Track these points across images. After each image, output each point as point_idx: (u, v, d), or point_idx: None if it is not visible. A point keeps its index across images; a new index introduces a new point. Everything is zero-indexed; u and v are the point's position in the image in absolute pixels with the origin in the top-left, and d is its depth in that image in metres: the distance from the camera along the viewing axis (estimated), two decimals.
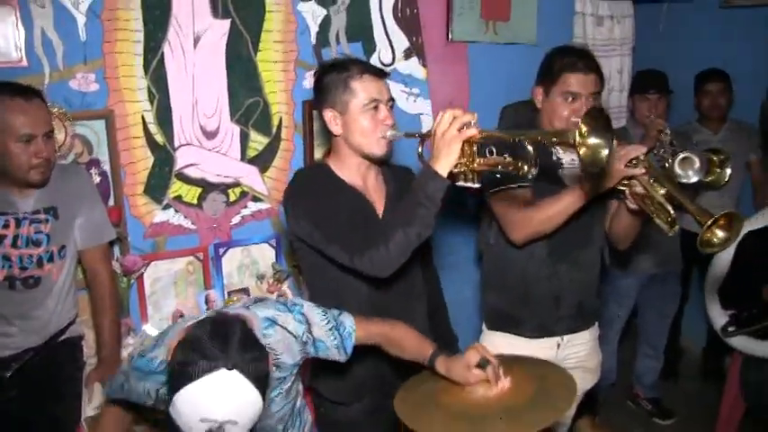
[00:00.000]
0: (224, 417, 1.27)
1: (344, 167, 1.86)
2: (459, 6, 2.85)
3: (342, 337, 1.69)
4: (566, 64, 2.01)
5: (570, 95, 2.01)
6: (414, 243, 1.65)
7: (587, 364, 2.33)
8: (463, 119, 1.55)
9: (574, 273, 2.19)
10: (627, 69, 3.72)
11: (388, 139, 1.80)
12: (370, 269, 1.68)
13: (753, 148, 3.56)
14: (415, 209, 1.60)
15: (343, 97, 1.77)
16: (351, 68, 1.78)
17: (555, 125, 2.05)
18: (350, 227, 1.74)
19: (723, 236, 1.69)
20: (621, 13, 3.65)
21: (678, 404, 3.60)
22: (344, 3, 2.61)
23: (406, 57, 2.78)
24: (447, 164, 1.57)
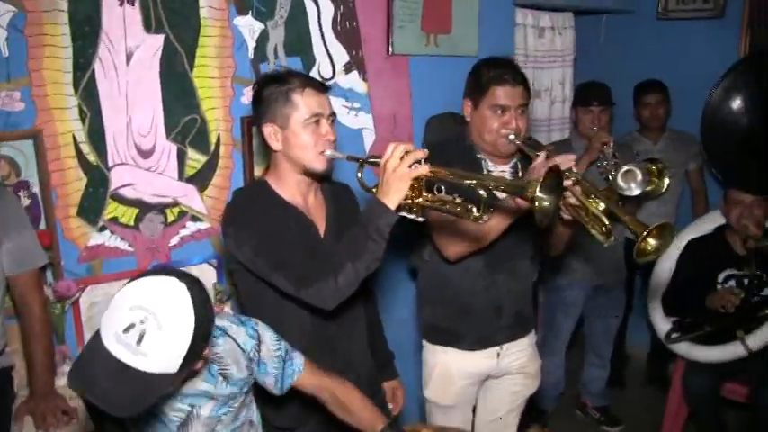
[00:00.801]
0: (155, 309, 1.28)
1: (284, 185, 1.85)
2: (400, 19, 2.88)
3: (284, 372, 1.69)
4: (493, 77, 2.06)
5: (499, 108, 2.06)
6: (362, 276, 1.67)
7: (528, 370, 2.39)
8: (415, 155, 1.58)
9: (511, 283, 2.25)
10: (568, 80, 3.83)
11: (328, 157, 1.79)
12: (317, 301, 1.70)
13: (691, 157, 3.69)
14: (365, 243, 1.62)
15: (283, 111, 1.76)
16: (292, 81, 1.77)
17: (484, 137, 2.11)
18: (295, 255, 1.73)
19: (655, 244, 1.76)
20: (562, 25, 3.75)
21: (625, 411, 3.70)
22: (282, 17, 2.61)
23: (346, 71, 2.79)
24: (396, 199, 1.60)
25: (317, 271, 1.67)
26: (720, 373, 3.06)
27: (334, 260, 1.66)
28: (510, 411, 2.43)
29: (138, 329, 1.26)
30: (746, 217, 2.95)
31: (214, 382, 1.59)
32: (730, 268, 3.06)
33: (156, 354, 1.27)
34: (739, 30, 3.64)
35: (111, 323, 1.29)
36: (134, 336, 1.26)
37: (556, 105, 3.84)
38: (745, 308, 2.95)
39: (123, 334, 1.26)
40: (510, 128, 2.06)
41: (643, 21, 4.08)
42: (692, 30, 3.87)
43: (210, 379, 1.58)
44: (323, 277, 1.65)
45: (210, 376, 1.58)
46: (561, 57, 3.78)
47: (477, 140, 2.14)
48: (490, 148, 2.13)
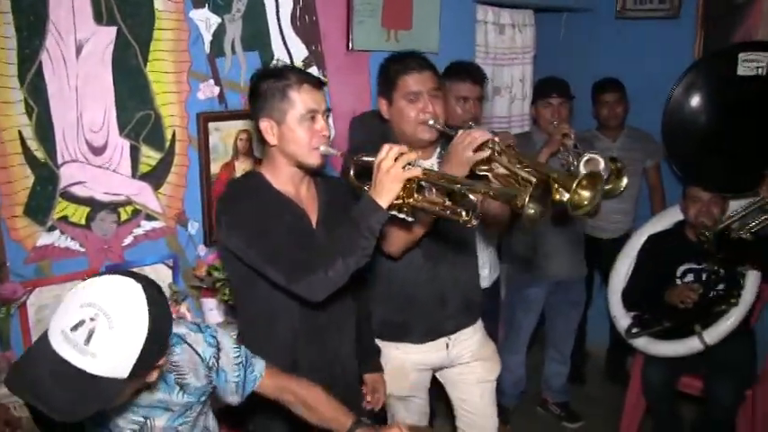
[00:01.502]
0: (107, 307, 1.22)
1: (279, 177, 1.87)
2: (360, 15, 2.87)
3: (245, 379, 1.67)
4: (399, 68, 2.12)
5: (411, 95, 2.10)
6: (351, 270, 1.71)
7: (483, 354, 2.44)
8: (409, 156, 1.63)
9: (454, 273, 2.30)
10: (528, 77, 3.87)
11: (322, 153, 1.82)
12: (307, 294, 1.73)
13: (649, 155, 3.76)
14: (357, 240, 1.66)
15: (280, 107, 1.78)
16: (289, 77, 1.79)
17: (405, 130, 2.14)
18: (287, 246, 1.75)
19: (589, 195, 1.83)
20: (522, 22, 3.78)
21: (585, 406, 3.76)
22: (240, 10, 2.57)
23: (305, 66, 2.76)
24: (388, 198, 1.64)
25: (309, 264, 1.70)
26: (677, 367, 3.13)
27: (325, 254, 1.70)
28: (482, 400, 2.48)
29: (86, 327, 1.20)
30: (704, 214, 3.02)
31: (170, 392, 1.55)
32: (688, 263, 3.12)
33: (104, 355, 1.21)
34: (694, 30, 3.71)
35: (59, 321, 1.23)
36: (82, 334, 1.20)
37: (516, 102, 3.88)
38: (703, 303, 3.02)
39: (71, 332, 1.20)
40: (427, 112, 2.10)
41: (602, 19, 4.13)
42: (649, 29, 3.94)
43: (166, 389, 1.54)
44: (314, 270, 1.69)
45: (166, 386, 1.54)
46: (521, 54, 3.82)
47: (399, 134, 2.17)
48: (412, 139, 2.14)
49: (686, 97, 3.30)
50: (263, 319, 1.90)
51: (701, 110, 3.28)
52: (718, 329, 3.01)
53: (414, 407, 2.44)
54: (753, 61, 3.09)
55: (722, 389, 2.99)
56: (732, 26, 3.57)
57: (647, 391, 3.22)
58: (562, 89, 3.18)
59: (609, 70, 3.80)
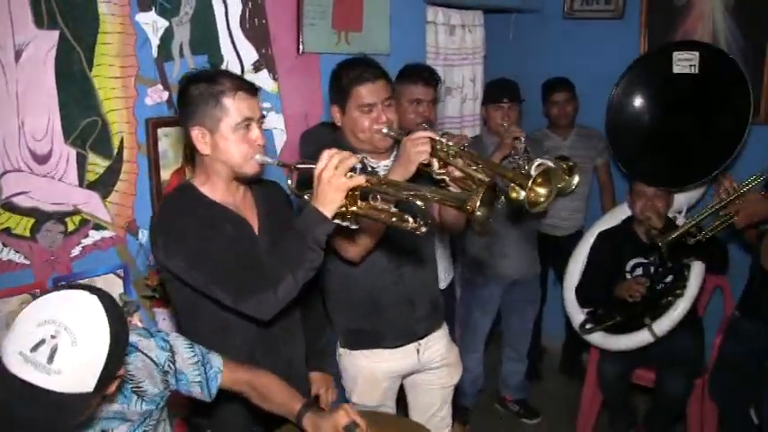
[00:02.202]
0: (68, 323, 1.21)
1: (214, 187, 1.82)
2: (310, 17, 2.87)
3: (207, 377, 1.66)
4: (352, 78, 2.11)
5: (366, 107, 2.10)
6: (300, 285, 1.67)
7: (449, 360, 2.46)
8: (349, 162, 1.60)
9: (418, 272, 2.31)
10: (479, 78, 3.92)
11: (258, 162, 1.78)
12: (256, 313, 1.69)
13: (599, 153, 3.86)
14: (304, 253, 1.63)
15: (213, 114, 1.71)
16: (223, 83, 1.72)
17: (359, 137, 2.15)
18: (231, 264, 1.70)
19: (545, 191, 1.86)
20: (472, 23, 3.84)
21: (543, 402, 3.83)
22: (188, 13, 2.54)
23: (255, 70, 2.75)
24: (332, 208, 1.61)
25: (256, 283, 1.66)
26: (631, 360, 3.23)
27: (273, 271, 1.65)
28: (443, 404, 2.51)
29: (48, 346, 1.18)
30: (649, 208, 3.12)
31: (128, 403, 1.53)
32: (637, 257, 3.22)
33: (70, 371, 1.20)
34: (638, 30, 3.83)
35: (15, 344, 1.20)
36: (44, 353, 1.18)
37: (467, 103, 3.93)
38: (651, 296, 3.11)
39: (31, 353, 1.18)
40: (381, 122, 2.11)
41: (550, 20, 4.22)
42: (596, 29, 4.04)
43: (123, 399, 1.52)
44: (262, 290, 1.65)
45: (123, 396, 1.52)
46: (472, 54, 3.88)
47: (354, 142, 2.18)
48: (368, 146, 2.17)
49: (627, 96, 3.41)
50: (217, 335, 1.82)
51: (642, 107, 3.40)
52: (666, 321, 3.10)
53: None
54: (686, 60, 3.21)
55: (673, 379, 3.09)
56: (673, 26, 3.70)
57: (603, 385, 3.31)
58: (512, 92, 3.23)
59: (558, 70, 3.88)
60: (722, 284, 3.38)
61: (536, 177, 1.82)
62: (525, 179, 1.83)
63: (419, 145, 1.92)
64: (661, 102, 3.36)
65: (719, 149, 3.09)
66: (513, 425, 3.70)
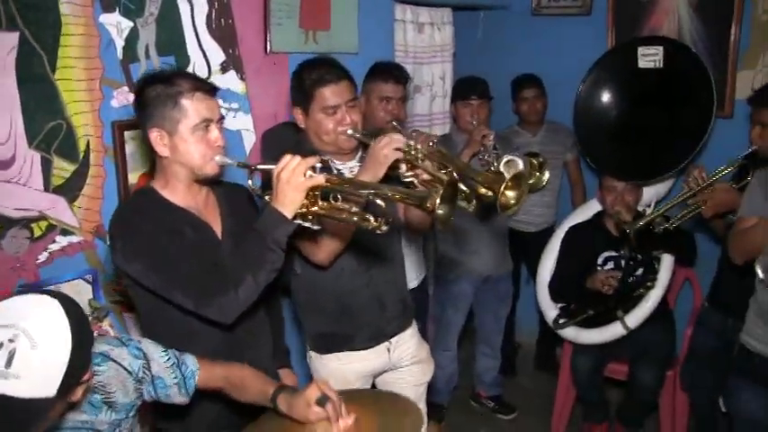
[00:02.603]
0: (26, 326, 1.20)
1: (174, 190, 1.81)
2: (277, 16, 2.87)
3: (184, 377, 1.66)
4: (315, 80, 2.11)
5: (330, 109, 2.11)
6: (262, 287, 1.68)
7: (421, 357, 2.49)
8: (307, 162, 1.60)
9: (387, 273, 2.33)
10: (448, 75, 3.95)
11: (218, 163, 1.78)
12: (218, 317, 1.69)
13: (569, 149, 3.92)
14: (265, 254, 1.63)
15: (171, 116, 1.71)
16: (180, 84, 1.72)
17: (324, 139, 2.16)
18: (192, 268, 1.69)
19: (515, 195, 1.89)
20: (441, 21, 3.87)
21: (518, 397, 3.88)
22: (153, 14, 2.53)
23: (222, 70, 2.75)
24: (292, 208, 1.62)
25: (217, 286, 1.65)
26: (604, 353, 3.29)
27: (233, 273, 1.65)
28: (417, 402, 2.49)
29: (6, 350, 1.17)
30: (619, 202, 3.18)
31: (96, 413, 1.52)
32: (608, 251, 3.28)
33: (29, 375, 1.18)
34: (605, 26, 3.90)
35: None
36: (2, 357, 1.17)
37: (437, 100, 3.96)
38: (623, 289, 3.17)
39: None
40: (346, 124, 2.12)
41: (518, 17, 4.28)
42: (563, 26, 4.11)
43: (92, 410, 1.51)
44: (223, 292, 1.65)
45: (92, 407, 1.51)
46: (441, 52, 3.91)
47: (318, 143, 2.19)
48: (333, 148, 2.18)
49: (594, 91, 3.47)
50: (180, 340, 1.79)
51: (609, 102, 3.47)
52: (638, 313, 3.17)
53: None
54: (651, 55, 3.29)
55: (645, 372, 3.16)
56: (639, 22, 3.77)
57: (576, 379, 3.37)
58: (481, 90, 3.26)
59: (527, 66, 3.94)
60: (691, 276, 3.46)
61: (507, 182, 1.84)
62: (497, 184, 1.85)
63: (387, 148, 1.92)
64: (627, 96, 3.43)
65: (685, 143, 3.17)
66: (489, 421, 3.74)
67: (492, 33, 4.39)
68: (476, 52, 4.32)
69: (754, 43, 3.49)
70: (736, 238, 2.29)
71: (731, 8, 3.46)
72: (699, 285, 3.38)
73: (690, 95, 3.20)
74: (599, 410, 3.40)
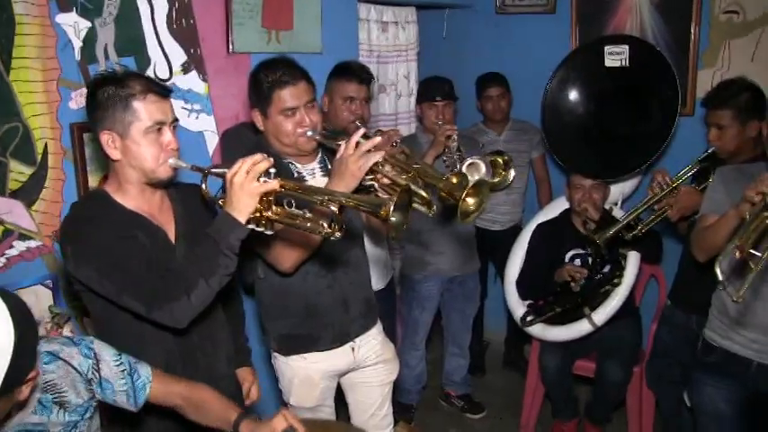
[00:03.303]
0: None
1: (126, 194, 1.81)
2: (239, 16, 2.88)
3: (134, 386, 1.65)
4: (273, 82, 2.12)
5: (289, 111, 2.12)
6: (215, 291, 1.68)
7: (386, 356, 2.52)
8: (260, 167, 1.60)
9: (351, 274, 2.36)
10: (413, 74, 3.99)
11: (172, 166, 1.78)
12: (170, 321, 1.68)
13: (534, 146, 3.98)
14: (217, 258, 1.63)
15: (123, 118, 1.70)
16: (132, 86, 1.71)
17: (284, 141, 2.17)
18: (143, 272, 1.69)
19: (475, 201, 1.93)
20: (405, 19, 3.90)
21: (487, 396, 3.93)
22: (111, 14, 2.51)
23: (184, 71, 2.74)
24: (245, 213, 1.62)
25: (169, 291, 1.65)
26: (571, 351, 3.35)
27: (185, 277, 1.65)
28: (383, 402, 2.56)
29: None
30: (586, 200, 3.24)
31: (48, 414, 1.51)
32: (575, 249, 3.34)
33: None
34: (570, 24, 3.97)
35: None
36: None
37: (402, 99, 4.00)
38: (590, 286, 3.24)
39: None
40: (305, 125, 2.14)
41: (483, 15, 4.32)
42: (528, 24, 4.17)
43: (43, 411, 1.50)
44: (175, 297, 1.65)
45: (43, 407, 1.50)
46: (405, 51, 3.94)
47: (278, 146, 2.20)
48: (293, 150, 2.20)
49: (561, 90, 3.53)
50: (133, 346, 1.78)
51: (575, 101, 3.53)
52: (605, 310, 3.23)
53: (322, 416, 2.46)
54: (617, 53, 3.35)
55: (612, 368, 3.23)
56: (603, 21, 3.85)
57: (544, 377, 3.42)
58: (446, 91, 3.30)
59: (492, 65, 3.99)
60: (657, 273, 3.53)
61: (469, 190, 1.87)
62: (457, 191, 1.88)
63: (363, 160, 1.91)
64: (594, 95, 3.49)
65: (651, 141, 3.23)
66: (458, 420, 3.78)
67: (456, 32, 4.43)
68: (440, 51, 4.37)
69: (713, 42, 3.58)
70: (698, 236, 2.33)
71: (690, 8, 3.55)
72: (664, 282, 3.45)
73: (655, 94, 3.27)
74: (568, 408, 3.46)
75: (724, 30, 3.54)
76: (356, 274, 2.40)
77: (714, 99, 2.71)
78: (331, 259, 2.28)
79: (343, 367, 2.44)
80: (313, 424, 1.80)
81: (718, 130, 2.66)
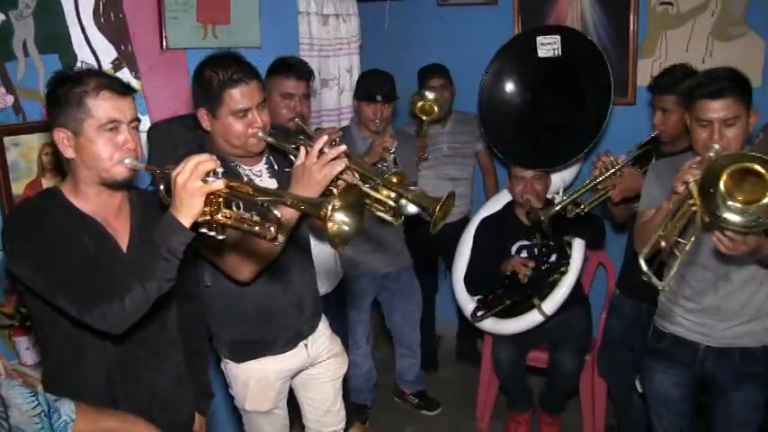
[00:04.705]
0: None
1: (81, 194, 1.71)
2: (172, 10, 2.70)
3: (53, 428, 1.48)
4: (224, 80, 1.98)
5: (241, 112, 2.00)
6: (153, 297, 1.57)
7: (335, 350, 2.49)
8: (206, 166, 1.49)
9: (303, 274, 2.31)
10: (356, 68, 3.87)
11: (128, 167, 1.66)
12: (102, 325, 1.57)
13: (478, 138, 3.92)
14: (157, 263, 1.53)
15: (76, 116, 1.62)
16: (87, 83, 1.63)
17: (234, 143, 2.05)
18: (79, 273, 1.59)
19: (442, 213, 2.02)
20: (346, 12, 3.77)
21: (441, 391, 3.86)
22: (29, 6, 2.30)
23: (115, 68, 2.55)
24: (190, 216, 1.51)
25: (102, 292, 1.55)
26: (524, 342, 3.30)
27: (122, 281, 1.55)
28: (336, 397, 2.52)
29: None
30: (528, 191, 3.20)
31: None
32: (520, 240, 3.30)
33: None
34: (512, 16, 3.91)
35: None
36: None
37: (345, 94, 3.86)
38: (537, 276, 3.20)
39: None
40: (257, 126, 2.03)
41: (425, 7, 4.23)
42: (470, 16, 4.08)
43: None
44: (108, 299, 1.54)
45: None
46: (347, 44, 3.81)
47: (226, 147, 2.08)
48: (241, 152, 2.09)
49: (496, 82, 3.49)
50: (71, 354, 1.72)
51: (512, 93, 3.50)
52: (554, 298, 3.19)
53: (277, 419, 2.42)
54: (549, 44, 3.33)
55: (565, 358, 3.20)
56: (544, 12, 3.80)
57: (498, 370, 3.37)
58: (386, 91, 3.16)
59: (434, 57, 3.90)
60: (605, 261, 3.52)
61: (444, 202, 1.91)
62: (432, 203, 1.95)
63: (329, 168, 1.84)
64: (529, 85, 3.47)
65: (587, 129, 3.21)
66: (414, 418, 3.70)
67: (398, 24, 4.32)
68: (383, 43, 4.26)
69: (651, 33, 3.58)
70: (638, 231, 2.34)
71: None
72: (613, 270, 3.43)
73: (589, 82, 3.25)
74: (523, 399, 3.42)
75: (660, 21, 3.54)
76: (308, 275, 2.35)
77: (660, 84, 2.74)
78: (284, 262, 2.18)
79: (299, 365, 2.38)
80: None
81: (663, 115, 2.70)
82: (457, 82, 3.85)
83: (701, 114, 2.11)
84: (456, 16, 4.14)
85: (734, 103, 2.07)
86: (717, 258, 2.17)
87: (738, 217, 1.87)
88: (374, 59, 3.88)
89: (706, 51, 3.39)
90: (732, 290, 2.22)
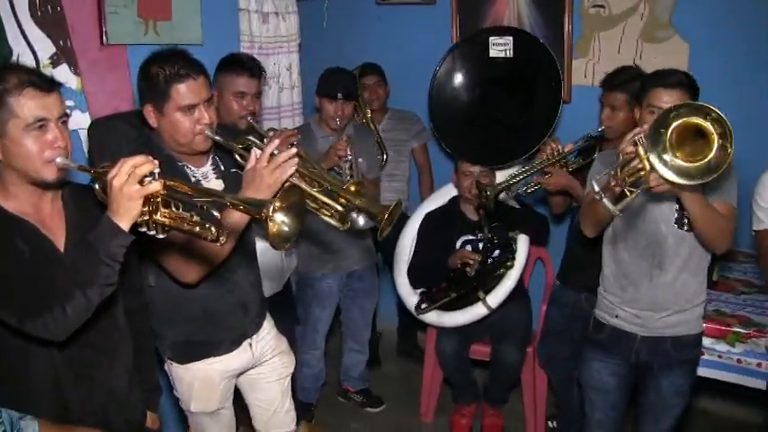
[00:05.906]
0: None
1: (10, 197, 1.64)
2: (113, 4, 2.60)
3: None
4: (170, 76, 1.95)
5: (187, 108, 1.97)
6: (95, 303, 1.54)
7: (280, 348, 2.49)
8: (143, 169, 1.46)
9: (249, 275, 2.30)
10: (295, 66, 3.84)
11: (59, 166, 1.60)
12: (44, 334, 1.53)
13: (414, 135, 3.97)
14: (97, 268, 1.49)
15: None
16: (7, 80, 1.55)
17: (181, 141, 2.02)
18: (15, 282, 1.53)
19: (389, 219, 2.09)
20: (285, 10, 3.74)
21: (385, 388, 3.89)
22: None
23: (53, 64, 2.45)
24: (128, 218, 1.48)
25: (42, 301, 1.51)
26: (467, 335, 3.37)
27: (62, 288, 1.51)
28: (283, 396, 2.51)
29: None
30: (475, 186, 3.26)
31: None
32: (466, 235, 3.37)
33: None
34: (450, 15, 3.96)
35: None
36: None
37: (285, 92, 3.83)
38: (483, 270, 3.27)
39: None
40: (204, 123, 2.00)
41: (363, 5, 4.24)
42: (409, 15, 4.11)
43: None
44: (49, 308, 1.50)
45: None
46: (287, 42, 3.77)
47: (172, 145, 2.05)
48: (188, 149, 2.06)
49: (448, 79, 3.55)
50: (16, 359, 1.65)
51: (462, 90, 3.57)
52: (499, 292, 3.27)
53: (223, 419, 2.40)
54: (501, 44, 3.42)
55: (507, 350, 3.29)
56: (482, 12, 3.87)
57: (443, 363, 3.43)
58: (348, 90, 3.16)
59: (373, 55, 3.94)
60: (543, 255, 3.62)
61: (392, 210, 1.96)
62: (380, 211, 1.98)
63: (280, 172, 1.84)
64: (480, 83, 3.54)
65: (535, 128, 3.30)
66: (358, 415, 3.72)
67: (337, 22, 4.32)
68: (321, 42, 4.25)
69: (585, 34, 3.69)
70: (585, 210, 2.41)
71: (563, 0, 3.63)
72: (551, 264, 3.55)
73: (539, 83, 3.35)
74: (468, 391, 3.49)
75: (593, 23, 3.65)
76: (253, 275, 2.34)
77: (611, 81, 2.83)
78: (230, 263, 2.15)
79: (244, 365, 2.36)
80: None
81: (611, 111, 2.80)
82: (394, 80, 3.88)
83: (654, 101, 2.20)
84: (394, 15, 4.17)
85: (685, 98, 2.15)
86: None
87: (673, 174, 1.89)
88: (313, 57, 3.88)
89: (636, 53, 3.52)
90: (665, 280, 2.30)
